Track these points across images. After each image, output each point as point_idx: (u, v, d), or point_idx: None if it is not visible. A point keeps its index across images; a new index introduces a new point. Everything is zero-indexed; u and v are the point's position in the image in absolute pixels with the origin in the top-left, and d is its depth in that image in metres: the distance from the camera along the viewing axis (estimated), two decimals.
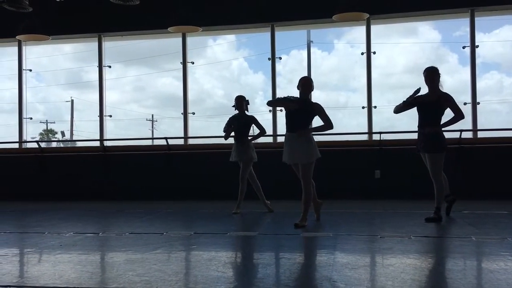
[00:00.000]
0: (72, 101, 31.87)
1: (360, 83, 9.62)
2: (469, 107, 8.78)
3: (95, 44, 10.24)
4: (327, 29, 10.52)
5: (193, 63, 10.02)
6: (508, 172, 8.26)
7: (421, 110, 6.01)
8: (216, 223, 6.50)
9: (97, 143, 10.27)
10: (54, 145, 29.99)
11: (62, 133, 34.67)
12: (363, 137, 9.23)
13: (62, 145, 21.98)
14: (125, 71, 20.38)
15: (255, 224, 6.61)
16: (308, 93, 5.94)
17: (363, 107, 9.19)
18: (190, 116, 9.86)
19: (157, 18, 9.39)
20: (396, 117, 7.74)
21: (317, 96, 10.01)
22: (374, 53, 9.17)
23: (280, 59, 9.70)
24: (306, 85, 5.87)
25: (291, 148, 5.83)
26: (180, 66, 9.87)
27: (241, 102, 7.11)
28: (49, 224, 6.44)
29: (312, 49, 11.41)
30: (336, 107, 15.53)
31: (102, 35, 10.18)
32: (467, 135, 8.65)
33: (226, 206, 7.45)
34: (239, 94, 7.19)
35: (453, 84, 14.78)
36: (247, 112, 7.17)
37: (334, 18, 8.14)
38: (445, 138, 6.01)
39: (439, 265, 4.03)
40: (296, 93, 5.92)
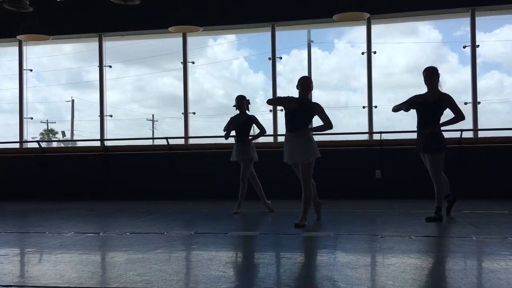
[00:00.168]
0: (73, 101, 31.91)
1: (361, 82, 9.64)
2: (469, 107, 8.79)
3: (96, 44, 10.25)
4: (328, 28, 10.51)
5: (194, 63, 10.03)
6: (509, 172, 8.26)
7: (421, 111, 6.00)
8: (217, 222, 6.50)
9: (97, 143, 10.27)
10: (54, 145, 30.05)
11: (63, 133, 34.68)
12: (364, 137, 9.23)
13: (63, 145, 21.99)
14: (126, 71, 20.39)
15: (255, 223, 6.62)
16: (308, 92, 5.93)
17: (363, 107, 9.19)
18: (190, 116, 9.86)
19: (157, 18, 9.40)
20: (397, 117, 7.75)
21: (317, 96, 10.03)
22: (374, 52, 9.18)
23: (281, 59, 9.71)
24: (305, 84, 5.86)
25: (291, 148, 5.83)
26: (181, 66, 9.88)
27: (242, 102, 7.11)
28: (50, 224, 6.45)
29: (312, 49, 11.41)
30: (337, 107, 15.53)
31: (102, 35, 10.19)
32: (467, 134, 8.65)
33: (227, 206, 7.45)
34: (239, 94, 7.19)
35: (453, 83, 14.79)
36: (248, 112, 7.18)
37: (335, 18, 8.14)
38: (444, 138, 6.00)
39: (439, 264, 4.03)
40: (296, 92, 5.92)
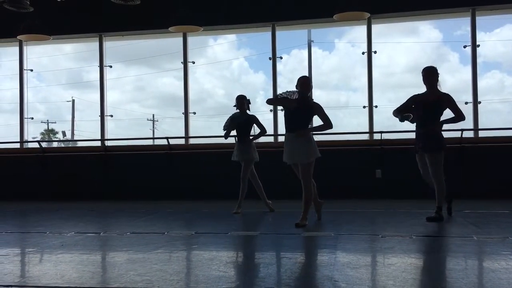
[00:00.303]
0: (73, 101, 31.83)
1: (361, 82, 9.64)
2: (470, 107, 8.78)
3: (96, 44, 10.25)
4: (328, 28, 10.51)
5: (194, 62, 10.03)
6: (510, 171, 8.26)
7: (420, 110, 5.98)
8: (217, 222, 6.50)
9: (98, 143, 10.28)
10: (55, 145, 30.02)
11: (63, 133, 34.63)
12: (364, 137, 9.23)
13: (63, 145, 21.96)
14: (126, 71, 20.36)
15: (256, 223, 6.62)
16: (307, 92, 5.92)
17: (364, 107, 9.19)
18: (191, 116, 9.86)
19: (157, 18, 9.40)
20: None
21: (318, 96, 10.03)
22: (375, 52, 9.17)
23: (281, 58, 9.70)
24: (305, 84, 5.86)
25: (291, 148, 5.83)
26: (181, 65, 9.88)
27: (242, 102, 7.11)
28: (50, 224, 6.45)
29: (312, 49, 11.44)
30: (337, 107, 15.49)
31: (103, 35, 10.19)
32: (468, 134, 8.64)
33: (227, 206, 7.45)
34: (240, 94, 7.19)
35: (454, 83, 14.77)
36: (248, 112, 7.18)
37: (335, 18, 8.14)
38: (444, 138, 5.99)
39: (440, 264, 4.02)
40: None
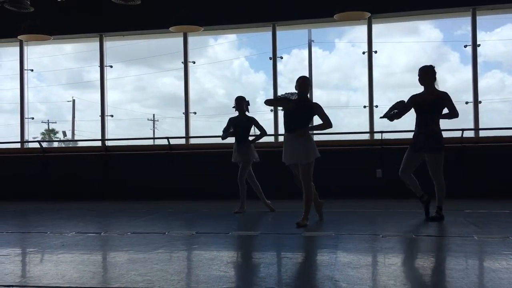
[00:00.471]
0: (74, 101, 31.79)
1: (361, 82, 9.63)
2: (470, 106, 8.78)
3: (97, 44, 10.26)
4: (328, 28, 10.51)
5: (194, 62, 10.03)
6: (510, 171, 8.25)
7: (420, 110, 5.96)
8: (218, 222, 6.50)
9: (98, 143, 10.28)
10: (55, 145, 30.04)
11: (64, 133, 34.62)
12: (365, 137, 9.22)
13: (64, 145, 21.99)
14: (126, 71, 20.35)
15: (256, 223, 6.61)
16: (306, 92, 5.91)
17: (364, 106, 9.18)
18: (191, 116, 9.86)
19: (158, 17, 9.40)
20: None
21: (318, 95, 10.02)
22: (375, 52, 9.17)
23: (281, 58, 9.69)
24: (303, 84, 5.85)
25: (291, 149, 5.81)
26: (181, 65, 9.88)
27: (241, 103, 7.10)
28: (51, 224, 6.45)
29: (313, 48, 11.41)
30: (337, 106, 15.47)
31: (103, 35, 10.20)
32: (469, 134, 8.64)
33: (227, 206, 7.45)
34: (239, 95, 7.18)
35: (454, 83, 14.77)
36: (247, 113, 7.17)
37: (335, 18, 8.14)
38: (443, 138, 5.98)
39: (441, 264, 4.02)
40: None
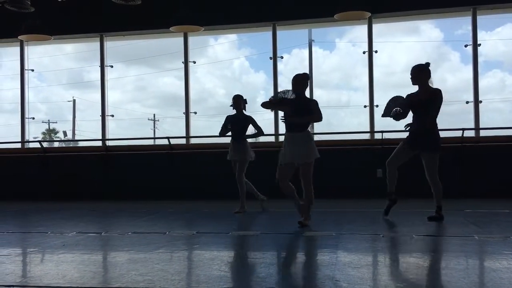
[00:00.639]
0: (74, 101, 31.78)
1: (362, 82, 9.63)
2: (471, 106, 8.78)
3: (97, 44, 10.26)
4: (329, 28, 10.51)
5: (195, 62, 10.03)
6: (511, 171, 8.25)
7: (417, 110, 5.94)
8: (218, 222, 6.50)
9: (99, 143, 10.28)
10: (56, 145, 30.02)
11: (64, 133, 34.63)
12: (365, 136, 9.22)
13: (64, 145, 21.98)
14: (127, 70, 20.36)
15: (257, 223, 6.62)
16: (301, 90, 5.82)
17: (365, 106, 9.18)
18: (192, 116, 9.86)
19: (158, 17, 9.40)
20: None
21: (318, 95, 10.01)
22: (375, 51, 9.17)
23: (282, 58, 9.69)
24: (297, 83, 5.80)
25: (291, 149, 5.79)
26: (182, 65, 9.88)
27: (239, 102, 7.10)
28: (52, 224, 6.46)
29: (313, 48, 11.45)
30: (338, 106, 15.46)
31: (104, 35, 10.20)
32: (469, 133, 8.63)
33: (227, 205, 7.45)
34: (236, 94, 7.19)
35: (455, 82, 14.72)
36: (244, 112, 7.17)
37: (336, 17, 8.13)
38: (440, 138, 5.99)
39: (441, 264, 4.02)
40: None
